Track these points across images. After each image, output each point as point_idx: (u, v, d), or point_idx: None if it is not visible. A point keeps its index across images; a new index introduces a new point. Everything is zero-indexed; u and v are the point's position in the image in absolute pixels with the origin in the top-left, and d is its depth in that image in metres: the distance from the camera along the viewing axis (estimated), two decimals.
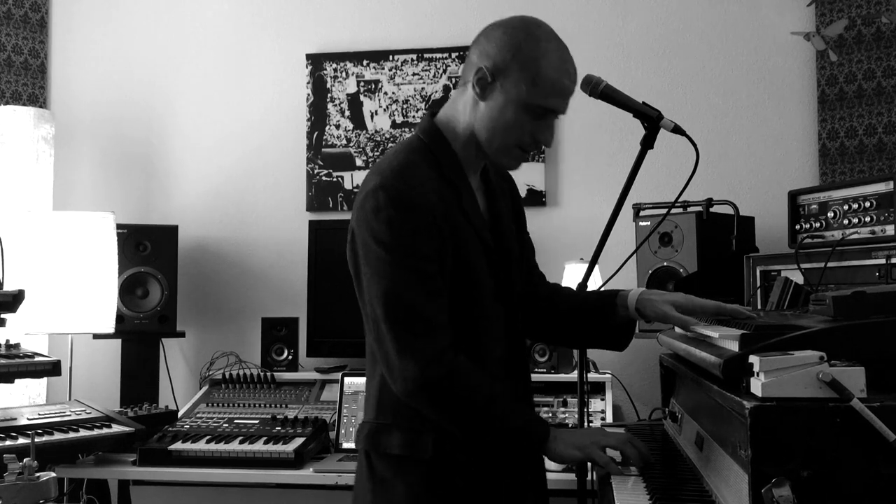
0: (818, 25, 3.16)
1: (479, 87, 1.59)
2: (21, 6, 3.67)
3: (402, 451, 1.56)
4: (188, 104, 3.66)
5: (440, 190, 1.57)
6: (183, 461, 2.50)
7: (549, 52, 1.57)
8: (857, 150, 3.09)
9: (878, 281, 2.03)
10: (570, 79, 1.61)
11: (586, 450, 1.56)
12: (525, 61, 1.56)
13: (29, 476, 1.80)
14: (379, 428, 1.60)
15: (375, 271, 1.53)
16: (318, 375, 3.12)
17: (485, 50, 1.61)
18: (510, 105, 1.57)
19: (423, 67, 3.48)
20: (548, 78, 1.56)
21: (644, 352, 3.11)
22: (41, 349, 2.85)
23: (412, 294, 1.50)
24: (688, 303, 1.69)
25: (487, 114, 1.59)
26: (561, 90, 1.59)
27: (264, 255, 3.56)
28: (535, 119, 1.59)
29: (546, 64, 1.56)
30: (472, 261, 1.59)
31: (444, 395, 1.52)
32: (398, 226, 1.51)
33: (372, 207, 1.53)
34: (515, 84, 1.56)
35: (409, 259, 1.51)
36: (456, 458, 1.56)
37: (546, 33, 1.60)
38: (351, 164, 3.51)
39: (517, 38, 1.58)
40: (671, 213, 2.20)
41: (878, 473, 1.14)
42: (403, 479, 1.57)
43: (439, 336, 1.51)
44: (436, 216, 1.53)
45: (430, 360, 1.49)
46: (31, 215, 3.05)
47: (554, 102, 1.59)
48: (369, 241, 1.53)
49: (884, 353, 1.28)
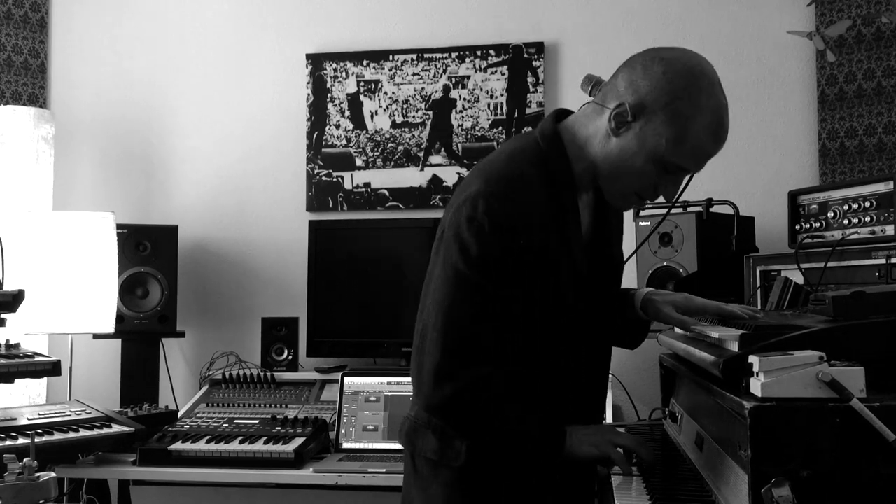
0: (818, 25, 3.16)
1: (616, 122, 1.46)
2: (21, 6, 3.67)
3: (434, 457, 1.54)
4: (188, 104, 3.66)
5: (546, 213, 1.48)
6: (183, 461, 2.50)
7: (707, 112, 1.43)
8: (857, 150, 3.09)
9: (878, 281, 2.02)
10: (719, 143, 1.47)
11: (602, 447, 1.53)
12: (676, 114, 1.42)
13: (29, 476, 1.80)
14: (417, 427, 1.57)
15: (447, 279, 1.47)
16: (318, 375, 3.12)
17: (636, 83, 1.46)
18: (643, 153, 1.45)
19: (423, 67, 3.48)
20: (696, 139, 1.43)
21: (644, 352, 3.09)
22: (41, 349, 2.85)
23: (472, 317, 1.45)
24: (688, 303, 1.68)
25: (616, 153, 1.47)
26: (704, 154, 1.47)
27: (264, 255, 3.56)
28: (664, 173, 1.48)
29: (698, 124, 1.42)
30: (560, 285, 1.52)
31: (468, 420, 1.50)
32: (488, 242, 1.43)
33: (467, 215, 1.44)
34: (657, 133, 1.43)
35: (485, 280, 1.44)
36: (491, 465, 1.52)
37: (710, 86, 1.44)
38: (351, 164, 3.51)
39: (677, 83, 1.43)
40: (671, 213, 2.20)
41: (878, 473, 1.14)
42: (440, 480, 1.54)
43: (484, 364, 1.46)
44: (531, 240, 1.45)
45: (465, 386, 1.45)
46: (31, 215, 3.05)
47: (693, 164, 1.48)
48: (453, 248, 1.46)
49: (884, 353, 1.28)
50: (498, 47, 3.43)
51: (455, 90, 3.46)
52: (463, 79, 3.45)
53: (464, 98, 3.44)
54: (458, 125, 3.45)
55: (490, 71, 3.43)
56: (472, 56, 3.44)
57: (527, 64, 3.40)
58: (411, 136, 3.48)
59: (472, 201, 1.45)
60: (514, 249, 1.44)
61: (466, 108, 3.44)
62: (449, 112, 3.46)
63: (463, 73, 3.45)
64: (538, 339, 1.52)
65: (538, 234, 1.46)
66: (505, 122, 3.41)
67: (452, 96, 3.46)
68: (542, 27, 3.43)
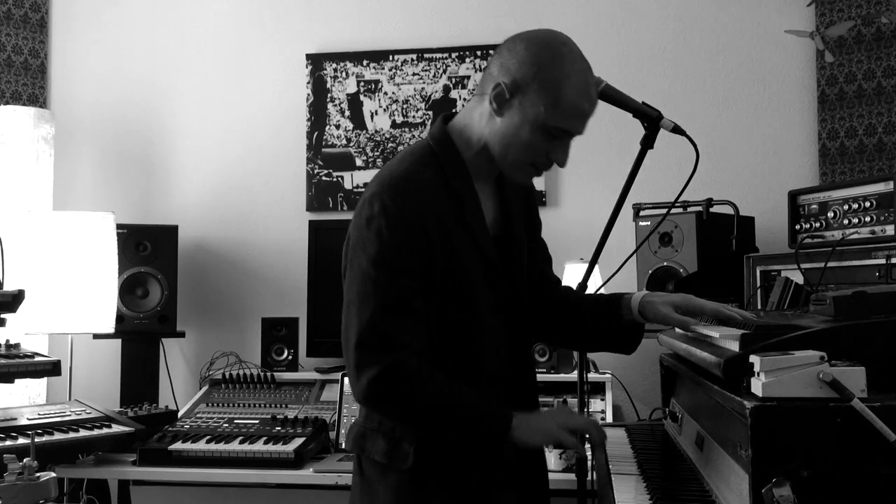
0: (818, 25, 3.16)
1: (497, 103, 1.55)
2: (21, 6, 3.67)
3: (383, 459, 1.58)
4: (188, 104, 3.66)
5: (441, 203, 1.55)
6: (183, 461, 2.50)
7: (572, 74, 1.53)
8: (857, 150, 3.09)
9: (878, 281, 2.03)
10: (591, 102, 1.57)
11: (553, 433, 1.54)
12: (546, 81, 1.52)
13: (29, 476, 1.80)
14: (366, 432, 1.63)
15: (354, 279, 1.54)
16: (318, 375, 3.12)
17: (505, 64, 1.56)
18: (527, 124, 1.54)
19: (423, 67, 3.48)
20: (569, 101, 1.52)
21: (644, 352, 3.08)
22: (41, 349, 2.85)
23: (380, 310, 1.50)
24: (687, 303, 1.69)
25: (502, 130, 1.56)
26: (580, 113, 1.55)
27: (264, 255, 3.56)
28: (550, 139, 1.56)
29: (568, 86, 1.52)
30: (469, 275, 1.57)
31: (394, 404, 1.53)
32: (386, 239, 1.50)
33: (366, 216, 1.53)
34: (534, 104, 1.53)
35: (387, 275, 1.50)
36: (437, 467, 1.56)
37: (570, 52, 1.55)
38: (351, 164, 3.51)
39: (541, 56, 1.54)
40: (671, 213, 2.20)
41: (878, 473, 1.14)
42: (387, 484, 1.59)
43: (397, 351, 1.50)
44: (428, 233, 1.52)
45: (379, 374, 1.49)
46: (31, 215, 3.05)
47: (572, 125, 1.56)
48: (357, 248, 1.54)
49: (884, 353, 1.28)
50: (498, 47, 3.42)
51: (455, 90, 3.46)
52: (463, 79, 3.45)
53: (464, 98, 3.44)
54: None
55: None
56: (472, 56, 3.45)
57: None
58: (411, 136, 3.48)
59: (369, 202, 1.53)
60: (410, 244, 1.51)
61: None
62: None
63: (463, 73, 3.45)
64: (451, 333, 1.56)
65: (435, 227, 1.53)
66: None
67: (452, 96, 3.46)
68: (542, 27, 3.42)
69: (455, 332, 1.57)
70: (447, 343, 1.56)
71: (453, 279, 1.55)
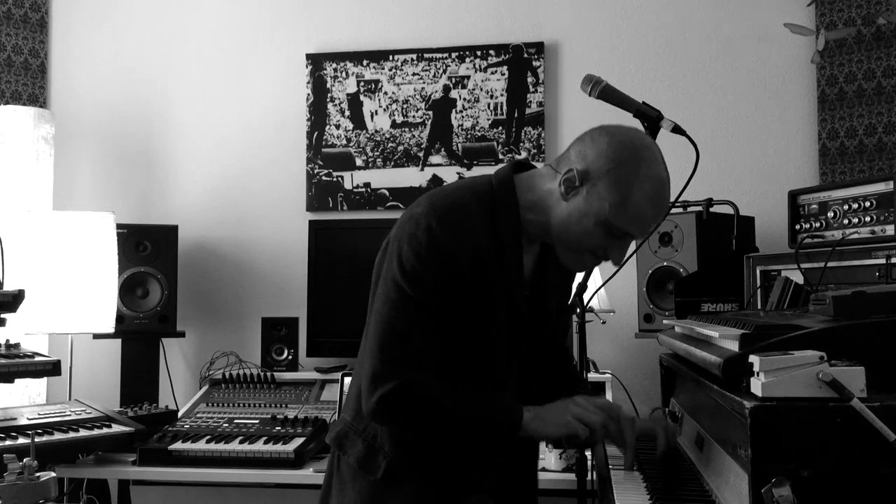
0: (818, 24, 3.16)
1: (565, 187, 1.55)
2: (21, 6, 3.67)
3: (355, 464, 1.61)
4: (188, 104, 3.66)
5: (483, 241, 1.55)
6: (183, 461, 2.50)
7: (646, 180, 1.51)
8: (857, 149, 3.09)
9: (878, 281, 2.02)
10: (659, 211, 1.56)
11: (569, 426, 1.55)
12: (618, 179, 1.51)
13: (29, 476, 1.80)
14: (348, 432, 1.65)
15: (387, 289, 1.55)
16: (318, 375, 3.12)
17: (584, 152, 1.55)
18: (591, 216, 1.53)
19: (423, 67, 3.48)
20: (636, 204, 1.51)
21: (644, 352, 3.11)
22: (41, 349, 2.85)
23: (406, 325, 1.52)
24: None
25: (566, 216, 1.55)
26: (645, 219, 1.54)
27: (264, 255, 3.56)
28: (610, 237, 1.55)
29: (639, 189, 1.50)
30: (496, 316, 1.58)
31: (405, 418, 1.55)
32: (424, 259, 1.51)
33: (409, 231, 1.54)
34: (601, 198, 1.51)
35: (419, 293, 1.51)
36: (405, 479, 1.57)
37: (651, 157, 1.53)
38: (351, 163, 3.51)
39: (620, 152, 1.52)
40: (671, 213, 2.20)
41: (878, 473, 1.14)
42: (356, 488, 1.61)
43: (414, 371, 1.52)
44: (463, 266, 1.52)
45: (394, 389, 1.50)
46: (31, 215, 3.05)
47: (634, 228, 1.55)
48: (394, 262, 1.55)
49: (884, 352, 1.28)
50: (498, 47, 3.43)
51: (455, 90, 3.46)
52: (463, 79, 3.45)
53: (464, 98, 3.44)
54: (458, 125, 3.45)
55: (490, 71, 3.43)
56: (472, 56, 3.44)
57: (527, 64, 3.40)
58: (411, 136, 3.48)
59: (416, 219, 1.54)
60: (445, 272, 1.52)
61: (466, 108, 3.45)
62: (449, 112, 3.46)
63: (463, 73, 3.45)
64: (468, 362, 1.58)
65: (471, 262, 1.53)
66: (505, 122, 3.41)
67: (452, 96, 3.46)
68: (542, 27, 3.43)
69: (465, 368, 1.58)
70: (456, 375, 1.57)
71: (478, 316, 1.56)
